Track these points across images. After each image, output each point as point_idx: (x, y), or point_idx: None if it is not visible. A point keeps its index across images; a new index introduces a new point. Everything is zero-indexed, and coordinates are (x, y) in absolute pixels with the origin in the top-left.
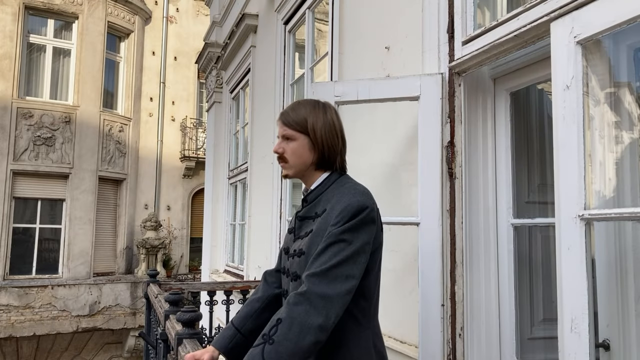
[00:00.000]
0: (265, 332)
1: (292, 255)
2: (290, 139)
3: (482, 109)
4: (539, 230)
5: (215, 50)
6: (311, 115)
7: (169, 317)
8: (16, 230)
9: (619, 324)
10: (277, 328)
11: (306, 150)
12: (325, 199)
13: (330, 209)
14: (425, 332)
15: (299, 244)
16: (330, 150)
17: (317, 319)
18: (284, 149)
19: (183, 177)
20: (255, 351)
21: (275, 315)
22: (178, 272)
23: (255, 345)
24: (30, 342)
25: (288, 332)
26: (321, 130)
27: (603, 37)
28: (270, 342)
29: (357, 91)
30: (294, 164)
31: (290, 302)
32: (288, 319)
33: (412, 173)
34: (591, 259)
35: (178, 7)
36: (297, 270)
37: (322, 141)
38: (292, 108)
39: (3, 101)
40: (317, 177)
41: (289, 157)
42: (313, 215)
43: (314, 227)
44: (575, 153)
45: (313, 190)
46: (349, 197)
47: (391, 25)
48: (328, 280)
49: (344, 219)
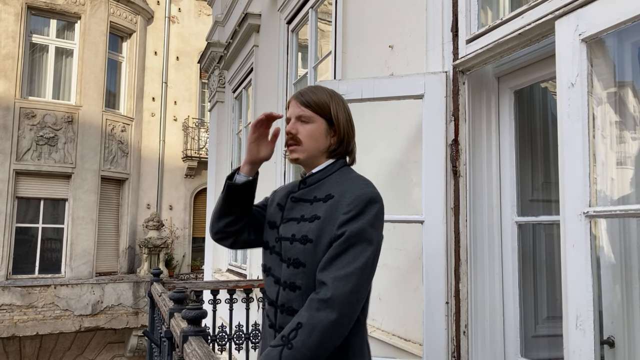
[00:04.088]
0: (285, 334)
1: (291, 240)
2: (307, 121)
3: (486, 107)
4: (543, 228)
5: (217, 49)
6: (333, 101)
7: (174, 315)
8: (19, 230)
9: (624, 321)
10: (296, 333)
11: (323, 135)
12: (328, 184)
13: (340, 195)
14: (429, 330)
15: (296, 227)
16: (348, 140)
17: (339, 329)
18: (297, 130)
19: (185, 177)
20: (273, 352)
21: (296, 318)
22: (180, 271)
23: (274, 346)
24: (33, 342)
25: (308, 340)
26: (343, 118)
27: (607, 35)
28: (289, 346)
29: (362, 90)
30: (308, 148)
31: (313, 307)
32: (309, 325)
33: (416, 171)
34: (596, 256)
35: (180, 7)
36: (299, 257)
37: (343, 129)
38: (311, 90)
39: (6, 101)
40: (323, 161)
41: (304, 139)
42: (311, 199)
43: (322, 215)
44: (579, 150)
45: (315, 173)
46: (361, 186)
47: (395, 24)
48: (352, 285)
49: (357, 207)
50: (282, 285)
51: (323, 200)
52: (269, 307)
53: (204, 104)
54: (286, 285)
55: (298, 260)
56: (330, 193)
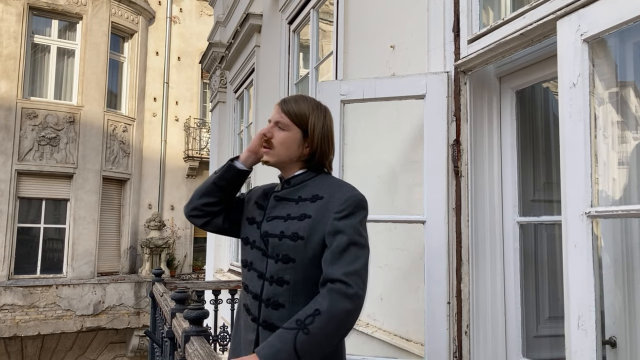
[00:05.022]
0: (300, 318)
1: (280, 236)
2: (283, 128)
3: (488, 107)
4: (544, 228)
5: (219, 50)
6: (313, 114)
7: (176, 315)
8: (21, 230)
9: (626, 321)
10: (313, 318)
11: (295, 144)
12: (312, 186)
13: (330, 196)
14: (431, 330)
15: (284, 225)
16: (321, 154)
17: (352, 320)
18: (273, 135)
19: (187, 177)
20: (287, 335)
21: (314, 304)
22: (182, 271)
23: (287, 328)
24: (34, 342)
25: (325, 327)
26: (319, 132)
27: (609, 35)
28: (305, 331)
29: (363, 90)
30: (279, 154)
31: (333, 298)
32: (328, 314)
33: (417, 172)
34: (598, 257)
35: (181, 8)
36: (289, 253)
37: (317, 143)
38: (295, 99)
39: (8, 101)
40: (297, 169)
41: (276, 144)
42: (296, 199)
43: (312, 214)
44: (581, 150)
45: (298, 175)
46: (349, 188)
47: (396, 24)
48: (362, 281)
49: (348, 208)
50: (268, 280)
51: (310, 200)
52: (252, 300)
53: (206, 104)
54: (273, 280)
55: (288, 256)
56: (317, 194)
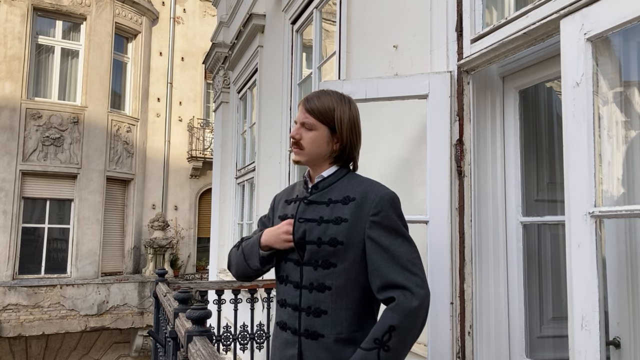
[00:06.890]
0: (377, 337)
1: (318, 243)
2: (310, 128)
3: (491, 107)
4: (548, 228)
5: (222, 50)
6: (338, 108)
7: (179, 315)
8: (25, 230)
9: (630, 322)
10: (390, 335)
11: (324, 142)
12: (340, 187)
13: (362, 198)
14: (434, 330)
15: (319, 229)
16: (351, 147)
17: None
18: (301, 136)
19: (190, 177)
20: (369, 356)
21: (386, 320)
22: (185, 271)
23: (366, 349)
24: (39, 341)
25: (403, 340)
26: (347, 125)
27: (613, 34)
28: (385, 348)
29: (366, 90)
30: (309, 152)
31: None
32: (406, 330)
33: (420, 171)
34: (602, 257)
35: (185, 8)
36: (329, 258)
37: (346, 136)
38: (317, 96)
39: (12, 102)
40: (327, 167)
41: (306, 145)
42: (326, 201)
43: (348, 217)
44: (585, 150)
45: (326, 177)
46: (379, 187)
47: (399, 24)
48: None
49: (384, 208)
50: (307, 287)
51: (342, 202)
52: (291, 312)
53: (209, 104)
54: (312, 287)
55: (328, 261)
56: (348, 195)
